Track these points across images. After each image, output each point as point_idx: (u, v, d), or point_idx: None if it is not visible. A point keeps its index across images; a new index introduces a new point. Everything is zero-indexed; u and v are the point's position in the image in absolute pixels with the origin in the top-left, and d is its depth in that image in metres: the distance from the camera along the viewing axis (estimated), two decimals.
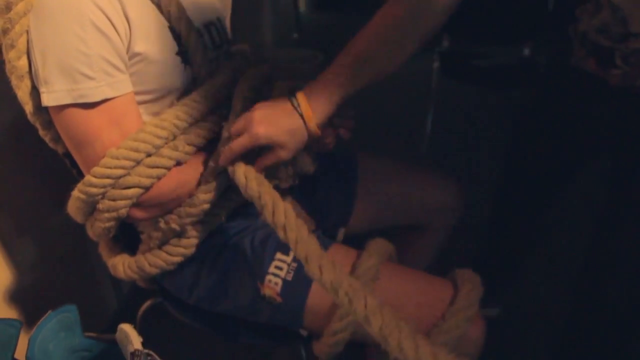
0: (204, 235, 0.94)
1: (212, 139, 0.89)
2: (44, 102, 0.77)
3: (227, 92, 0.92)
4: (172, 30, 0.87)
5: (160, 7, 0.85)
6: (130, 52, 0.80)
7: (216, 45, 0.98)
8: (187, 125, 0.86)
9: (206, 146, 0.89)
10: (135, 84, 0.83)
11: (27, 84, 0.80)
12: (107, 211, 0.82)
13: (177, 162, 0.85)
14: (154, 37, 0.83)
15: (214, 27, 0.99)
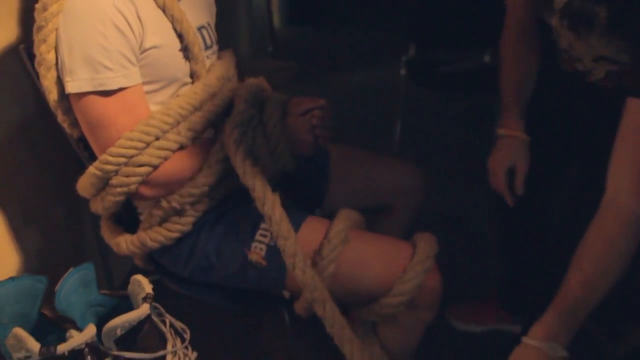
0: (199, 214, 1.08)
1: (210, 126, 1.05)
2: (68, 89, 0.92)
3: (220, 85, 1.08)
4: (175, 30, 1.02)
5: (164, 10, 1.01)
6: (142, 47, 0.96)
7: (207, 46, 1.14)
8: (189, 113, 1.01)
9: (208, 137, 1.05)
10: (144, 76, 0.98)
11: (53, 74, 0.94)
12: (119, 186, 0.96)
13: (180, 146, 1.00)
14: (161, 35, 0.99)
15: (205, 30, 1.14)
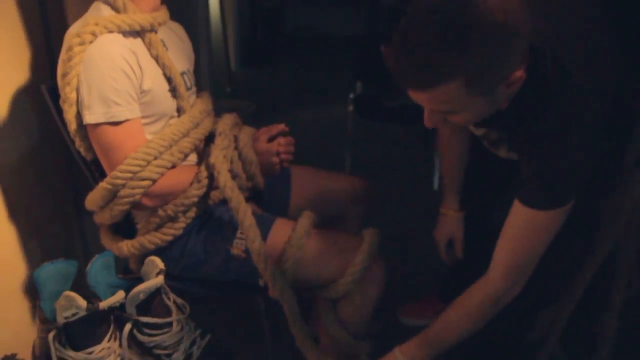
0: (189, 220, 1.34)
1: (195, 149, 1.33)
2: (86, 120, 1.17)
3: (202, 117, 1.36)
4: (165, 75, 1.30)
5: (157, 59, 1.28)
6: (141, 88, 1.22)
7: (188, 87, 1.41)
8: (179, 138, 1.28)
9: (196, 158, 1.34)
10: (142, 111, 1.24)
11: (74, 110, 1.19)
12: (126, 197, 1.21)
13: (173, 165, 1.26)
14: (155, 79, 1.26)
15: (186, 75, 1.42)
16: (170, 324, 1.08)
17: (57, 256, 1.03)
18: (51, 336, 0.97)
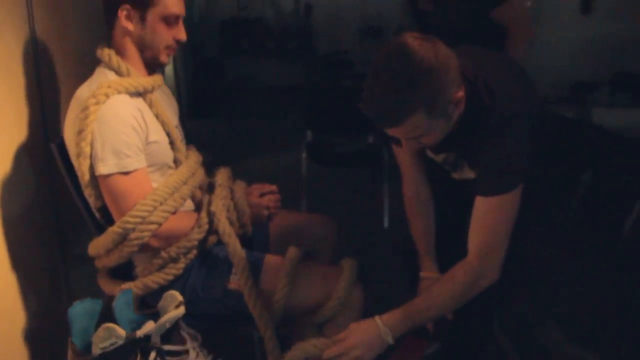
0: (189, 261, 1.48)
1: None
2: (100, 172, 1.31)
3: (196, 167, 1.53)
4: (164, 129, 1.47)
5: (157, 116, 1.45)
6: (147, 141, 1.39)
7: (181, 140, 1.58)
8: (180, 186, 1.44)
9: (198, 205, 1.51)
10: (147, 162, 1.39)
11: (88, 162, 1.33)
12: (136, 239, 1.35)
13: (175, 209, 1.42)
14: (156, 133, 1.43)
15: (177, 129, 1.59)
16: (187, 351, 1.21)
17: (47, 302, 1.11)
18: None
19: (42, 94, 1.60)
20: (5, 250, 1.45)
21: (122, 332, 1.05)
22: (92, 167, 1.34)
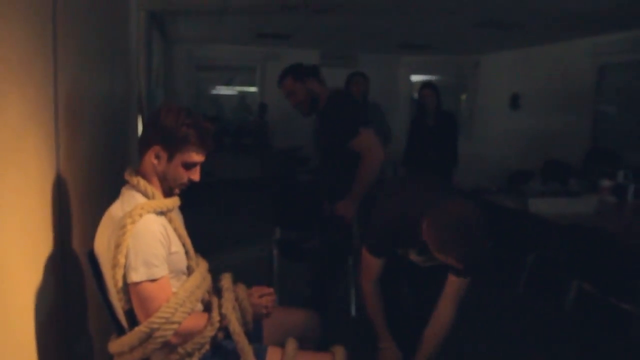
0: (202, 355, 1.71)
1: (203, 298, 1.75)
2: (132, 279, 1.56)
3: (206, 274, 1.80)
4: (180, 241, 1.74)
5: (175, 230, 1.73)
6: (169, 251, 1.65)
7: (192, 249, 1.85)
8: (195, 290, 1.70)
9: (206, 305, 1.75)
10: (168, 269, 1.65)
11: (121, 272, 1.57)
12: (160, 337, 1.58)
13: (191, 310, 1.66)
14: (176, 244, 1.71)
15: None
16: None
17: None
18: None
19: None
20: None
21: None
22: (124, 276, 1.58)
